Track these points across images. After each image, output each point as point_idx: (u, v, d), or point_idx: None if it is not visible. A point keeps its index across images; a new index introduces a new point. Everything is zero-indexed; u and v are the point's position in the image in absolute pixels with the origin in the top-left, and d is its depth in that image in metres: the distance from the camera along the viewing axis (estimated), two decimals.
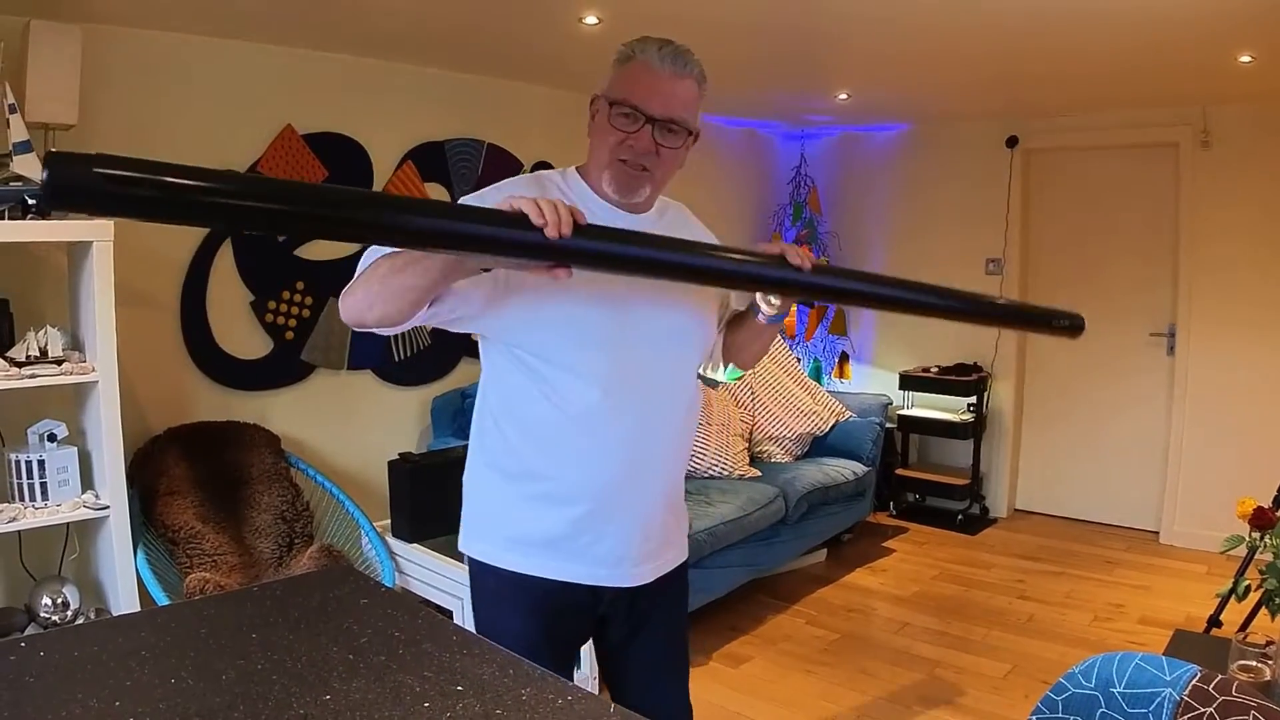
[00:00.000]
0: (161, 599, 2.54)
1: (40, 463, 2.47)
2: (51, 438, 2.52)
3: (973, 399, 4.98)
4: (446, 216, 1.23)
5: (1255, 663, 1.77)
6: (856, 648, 3.48)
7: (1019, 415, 5.18)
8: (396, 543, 3.38)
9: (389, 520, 3.50)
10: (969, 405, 5.01)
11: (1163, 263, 4.66)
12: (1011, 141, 4.97)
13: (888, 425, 4.90)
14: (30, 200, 2.37)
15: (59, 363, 2.46)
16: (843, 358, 5.53)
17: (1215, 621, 2.78)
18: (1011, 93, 4.29)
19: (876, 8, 2.82)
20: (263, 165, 3.29)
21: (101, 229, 2.46)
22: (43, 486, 2.47)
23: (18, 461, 2.46)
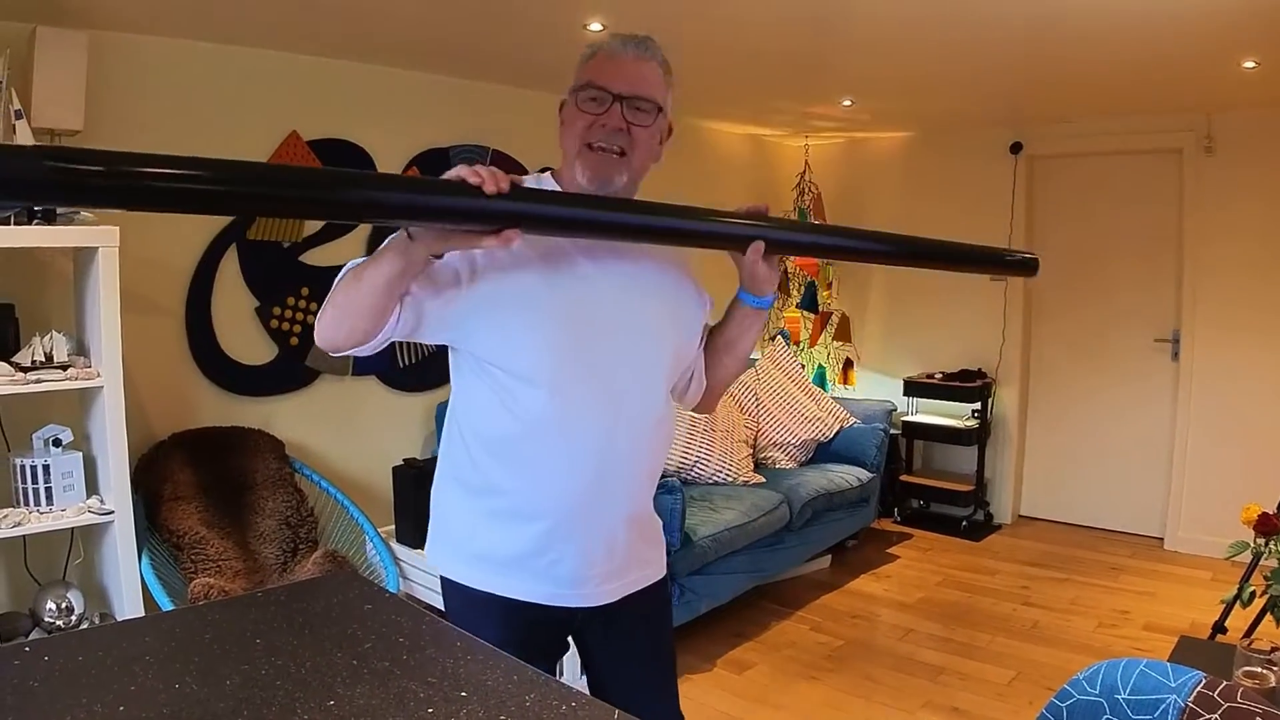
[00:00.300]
0: (166, 604, 2.55)
1: (45, 468, 2.47)
2: (56, 443, 2.52)
3: (977, 405, 4.98)
4: (389, 188, 1.26)
5: (1260, 669, 1.76)
6: (861, 654, 3.47)
7: (1023, 421, 5.17)
8: (401, 548, 3.39)
9: (393, 526, 3.51)
10: (973, 411, 5.00)
11: (1167, 268, 4.66)
12: (1016, 148, 4.97)
13: (892, 431, 4.89)
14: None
15: (64, 368, 2.47)
16: (847, 364, 5.53)
17: (1220, 628, 2.77)
18: (1016, 99, 4.29)
19: (881, 15, 2.83)
20: None
21: (107, 235, 2.48)
22: (47, 491, 2.48)
23: (23, 466, 2.46)
